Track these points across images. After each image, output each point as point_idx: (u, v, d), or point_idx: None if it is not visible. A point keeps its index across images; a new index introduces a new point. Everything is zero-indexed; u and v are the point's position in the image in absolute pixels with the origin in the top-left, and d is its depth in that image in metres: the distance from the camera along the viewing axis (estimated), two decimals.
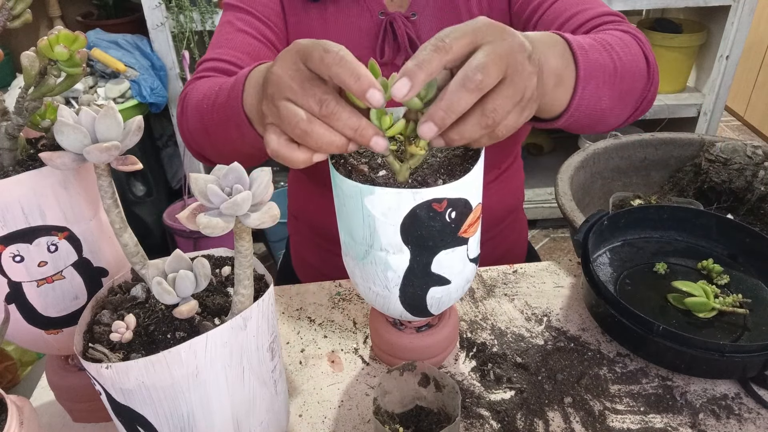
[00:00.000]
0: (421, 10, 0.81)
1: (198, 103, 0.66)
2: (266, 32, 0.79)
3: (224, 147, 0.65)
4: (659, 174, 1.52)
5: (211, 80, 0.69)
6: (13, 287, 0.50)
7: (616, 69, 0.61)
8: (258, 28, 0.79)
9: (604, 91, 0.60)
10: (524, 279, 0.82)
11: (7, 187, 0.46)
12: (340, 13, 0.81)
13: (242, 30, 0.78)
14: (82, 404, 0.62)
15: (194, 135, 0.70)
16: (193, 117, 0.68)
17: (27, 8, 0.49)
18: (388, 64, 0.81)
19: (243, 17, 0.80)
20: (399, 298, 0.56)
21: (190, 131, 0.70)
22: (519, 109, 0.47)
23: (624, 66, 0.63)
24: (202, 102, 0.65)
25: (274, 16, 0.81)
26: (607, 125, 0.68)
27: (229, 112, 0.59)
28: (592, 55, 0.58)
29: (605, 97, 0.60)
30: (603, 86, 0.59)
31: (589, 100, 0.58)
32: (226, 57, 0.75)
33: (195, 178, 0.40)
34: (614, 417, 0.62)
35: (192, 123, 0.69)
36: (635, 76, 0.65)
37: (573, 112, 0.58)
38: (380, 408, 0.55)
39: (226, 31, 0.79)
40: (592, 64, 0.58)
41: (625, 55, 0.64)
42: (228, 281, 0.52)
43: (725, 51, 2.00)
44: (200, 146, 0.71)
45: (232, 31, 0.78)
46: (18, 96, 0.48)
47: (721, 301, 0.70)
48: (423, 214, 0.50)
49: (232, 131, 0.60)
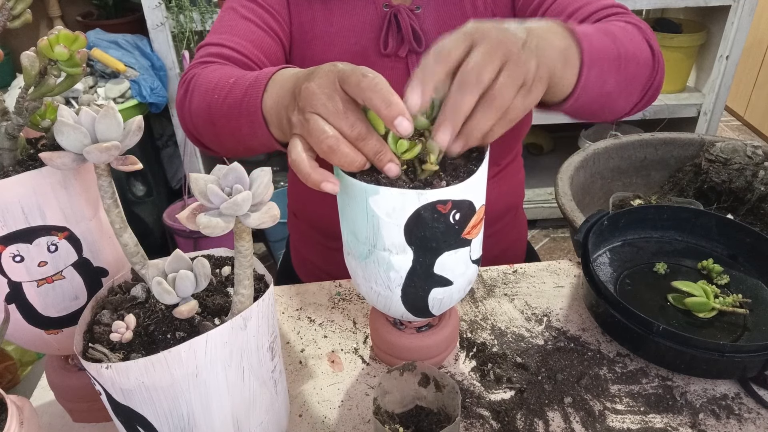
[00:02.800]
0: (425, 3, 0.82)
1: (207, 92, 0.66)
2: (270, 22, 0.79)
3: (228, 138, 0.65)
4: (659, 174, 1.52)
5: (222, 70, 0.68)
6: (13, 287, 0.50)
7: (620, 55, 0.62)
8: (262, 16, 0.79)
9: (609, 76, 0.61)
10: (524, 279, 0.82)
11: (7, 187, 0.46)
12: (345, 5, 0.82)
13: (246, 17, 0.78)
14: (82, 404, 0.62)
15: (196, 121, 0.70)
16: (200, 104, 0.68)
17: (27, 8, 0.49)
18: (392, 56, 0.82)
19: (247, 4, 0.79)
20: (401, 298, 0.56)
21: (192, 116, 0.70)
22: (524, 91, 0.50)
23: (627, 52, 0.63)
24: (213, 92, 0.65)
25: (278, 4, 0.81)
26: (614, 112, 0.69)
27: (244, 109, 0.59)
28: (596, 41, 0.59)
29: (610, 80, 0.61)
30: (608, 71, 0.60)
31: (594, 82, 0.59)
32: (230, 44, 0.74)
33: (195, 178, 0.40)
34: (614, 417, 0.62)
35: (197, 109, 0.69)
36: (640, 62, 0.66)
37: (580, 94, 0.58)
38: (380, 408, 0.55)
39: (229, 17, 0.79)
40: (596, 48, 0.59)
41: (628, 43, 0.64)
42: (228, 281, 0.52)
43: (725, 51, 2.00)
44: (200, 133, 0.71)
45: (236, 17, 0.78)
46: (18, 96, 0.48)
47: (721, 301, 0.70)
48: (427, 215, 0.50)
49: (244, 127, 0.60)
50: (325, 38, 0.82)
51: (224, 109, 0.63)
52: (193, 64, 0.73)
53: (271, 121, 0.57)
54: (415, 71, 0.49)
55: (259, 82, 0.58)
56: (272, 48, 0.79)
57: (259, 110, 0.58)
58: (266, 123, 0.58)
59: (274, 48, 0.79)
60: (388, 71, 0.82)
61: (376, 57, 0.82)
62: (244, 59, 0.74)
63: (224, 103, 0.63)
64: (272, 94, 0.57)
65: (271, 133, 0.58)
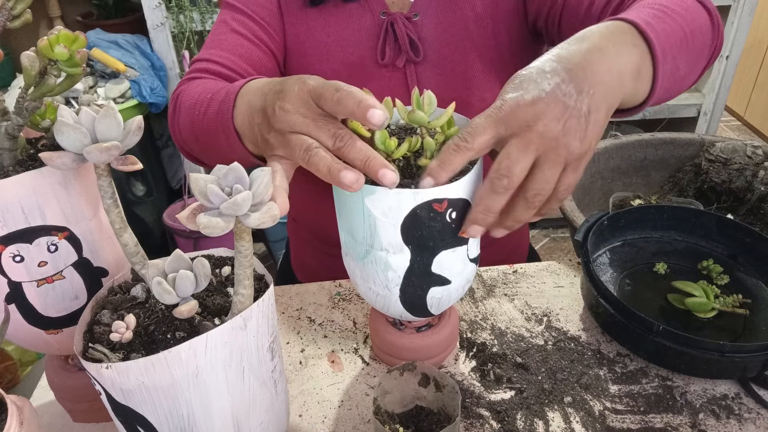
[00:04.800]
0: (423, 10, 0.80)
1: (190, 109, 0.66)
2: (260, 34, 0.79)
3: (213, 152, 0.65)
4: (659, 174, 1.51)
5: (204, 84, 0.69)
6: (13, 287, 0.50)
7: (685, 34, 0.58)
8: (252, 29, 0.79)
9: (680, 60, 0.58)
10: (524, 279, 0.82)
11: (7, 187, 0.46)
12: (341, 14, 0.81)
13: (236, 30, 0.78)
14: (82, 404, 0.62)
15: (185, 137, 0.70)
16: (185, 121, 0.68)
17: (27, 8, 0.49)
18: (389, 65, 0.81)
19: (238, 17, 0.79)
20: (399, 298, 0.56)
21: (181, 132, 0.70)
22: (570, 170, 0.48)
23: (691, 27, 0.59)
24: (194, 108, 0.65)
25: (269, 17, 0.80)
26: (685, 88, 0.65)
27: (219, 124, 0.59)
28: (660, 28, 0.55)
29: (682, 64, 0.58)
30: (678, 56, 0.57)
31: (669, 75, 0.56)
32: (218, 59, 0.75)
33: (195, 178, 0.40)
34: (614, 417, 0.62)
35: (183, 126, 0.69)
36: (703, 31, 0.62)
37: (657, 93, 0.56)
38: (380, 408, 0.55)
39: (220, 31, 0.79)
40: (663, 37, 0.54)
41: (687, 14, 0.60)
42: (228, 281, 0.52)
43: (725, 51, 2.00)
44: (190, 148, 0.71)
45: (226, 31, 0.78)
46: (18, 96, 0.48)
47: (721, 301, 0.70)
48: (423, 214, 0.50)
49: (222, 141, 0.60)
50: (322, 48, 0.81)
51: (204, 125, 0.63)
52: (182, 81, 0.74)
53: (244, 135, 0.56)
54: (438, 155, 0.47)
55: (229, 97, 0.57)
56: (262, 61, 0.78)
57: (231, 125, 0.57)
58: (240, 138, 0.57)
59: (264, 61, 0.78)
60: (386, 81, 0.81)
61: (373, 67, 0.81)
62: (232, 74, 0.75)
63: (204, 118, 0.63)
64: (242, 110, 0.55)
65: (246, 148, 0.57)
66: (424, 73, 0.81)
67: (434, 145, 0.50)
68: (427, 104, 0.51)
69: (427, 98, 0.51)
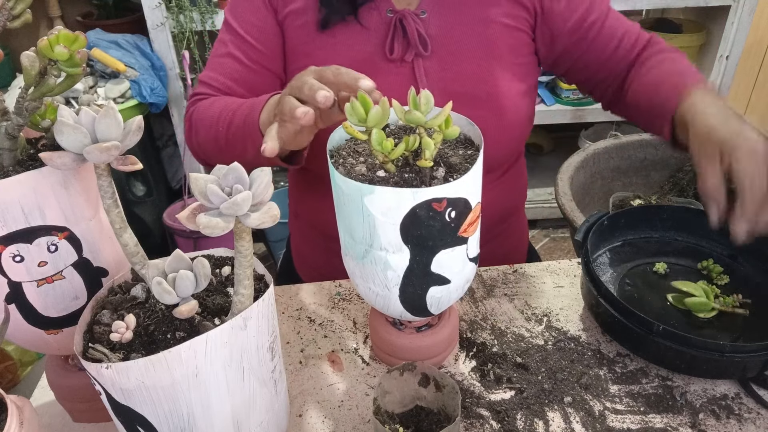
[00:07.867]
0: (430, 7, 0.81)
1: (212, 126, 0.76)
2: (253, 56, 0.84)
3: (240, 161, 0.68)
4: (659, 174, 1.52)
5: (220, 102, 0.78)
6: (13, 287, 0.50)
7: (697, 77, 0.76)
8: (246, 53, 0.84)
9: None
10: (524, 279, 0.82)
11: (7, 187, 0.46)
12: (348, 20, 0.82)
13: (231, 54, 0.84)
14: (82, 404, 0.62)
15: (206, 151, 0.80)
16: (206, 137, 0.78)
17: (27, 8, 0.49)
18: (398, 61, 0.81)
19: (233, 40, 0.84)
20: (399, 297, 0.56)
21: (201, 147, 0.81)
22: None
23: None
24: (217, 125, 0.75)
25: (264, 37, 0.83)
26: None
27: (247, 133, 0.69)
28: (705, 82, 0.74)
29: None
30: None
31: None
32: (216, 84, 0.84)
33: (195, 178, 0.40)
34: (614, 417, 0.62)
35: (204, 142, 0.79)
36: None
37: None
38: (380, 408, 0.55)
39: (219, 53, 0.86)
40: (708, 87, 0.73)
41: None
42: (228, 281, 0.52)
43: (725, 51, 2.00)
44: (211, 159, 0.80)
45: (224, 53, 0.85)
46: (18, 96, 0.48)
47: (721, 301, 0.70)
48: (423, 213, 0.50)
49: (249, 148, 0.69)
50: (328, 48, 0.82)
51: (229, 137, 0.73)
52: (191, 101, 0.84)
53: None
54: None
55: (256, 106, 0.69)
56: (255, 83, 0.84)
57: (258, 130, 0.67)
58: None
59: (257, 83, 0.85)
60: (393, 76, 0.82)
61: (382, 62, 0.82)
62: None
63: (228, 132, 0.73)
64: (265, 111, 0.67)
65: None
66: (432, 68, 0.82)
67: (432, 144, 0.50)
68: (424, 103, 0.51)
69: (424, 98, 0.51)
